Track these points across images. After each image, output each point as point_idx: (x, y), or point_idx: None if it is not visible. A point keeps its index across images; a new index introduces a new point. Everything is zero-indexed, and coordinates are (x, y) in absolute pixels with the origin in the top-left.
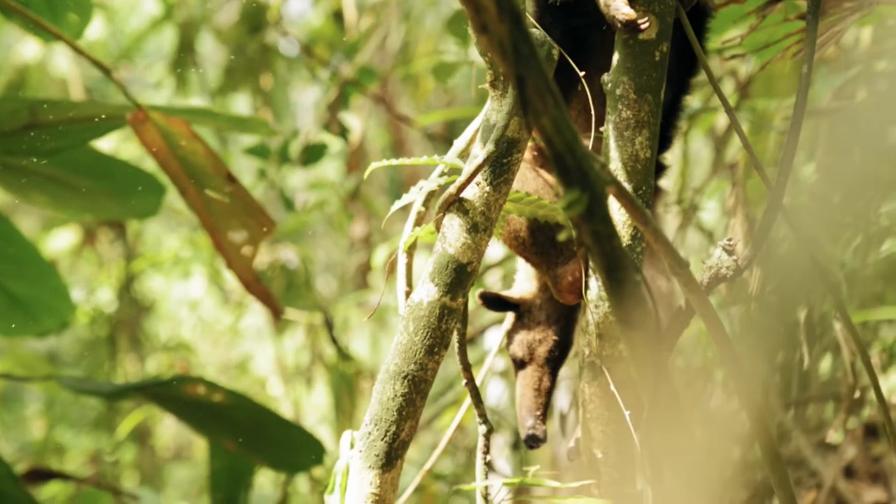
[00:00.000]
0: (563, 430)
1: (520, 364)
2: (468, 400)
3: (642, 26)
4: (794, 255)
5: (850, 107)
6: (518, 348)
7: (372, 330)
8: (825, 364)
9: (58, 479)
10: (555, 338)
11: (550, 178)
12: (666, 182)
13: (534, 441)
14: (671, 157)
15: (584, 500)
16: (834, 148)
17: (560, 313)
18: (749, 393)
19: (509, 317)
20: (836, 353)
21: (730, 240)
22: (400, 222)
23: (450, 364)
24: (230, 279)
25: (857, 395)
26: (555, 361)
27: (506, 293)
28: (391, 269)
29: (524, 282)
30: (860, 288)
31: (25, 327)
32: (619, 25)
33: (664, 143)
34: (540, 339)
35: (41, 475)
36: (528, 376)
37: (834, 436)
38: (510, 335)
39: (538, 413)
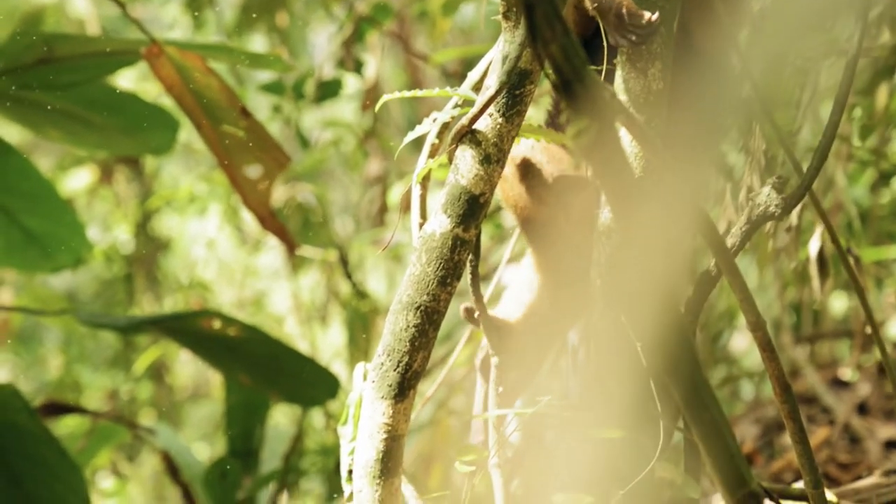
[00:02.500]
0: (575, 364)
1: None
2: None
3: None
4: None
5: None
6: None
7: (387, 267)
8: (839, 302)
9: (74, 413)
10: (524, 370)
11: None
12: None
13: None
14: None
15: (596, 428)
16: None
17: (537, 348)
18: (766, 341)
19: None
20: (850, 290)
21: (779, 177)
22: (416, 162)
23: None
24: (246, 219)
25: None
26: (517, 390)
27: (490, 313)
28: (406, 205)
29: (510, 304)
30: (874, 226)
31: (40, 263)
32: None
33: None
34: (511, 364)
35: (57, 409)
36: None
37: (847, 373)
38: (483, 351)
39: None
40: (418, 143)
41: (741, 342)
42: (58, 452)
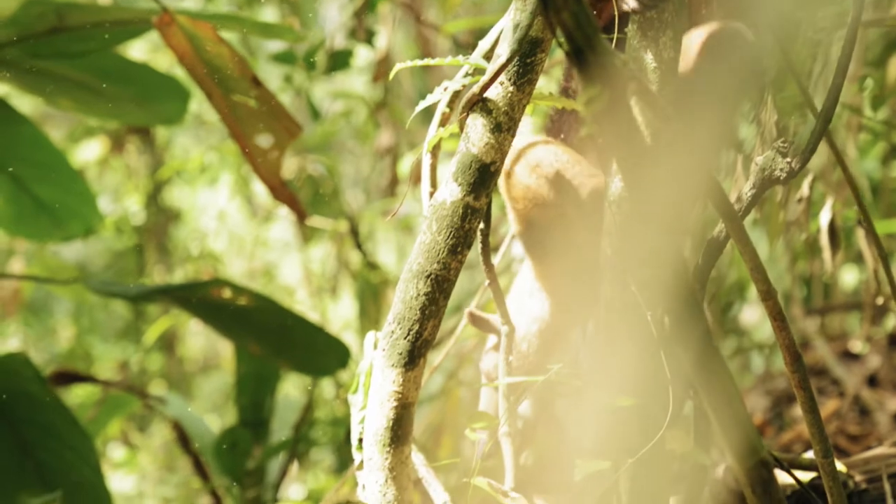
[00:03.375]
0: (583, 334)
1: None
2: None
3: None
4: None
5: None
6: (494, 371)
7: (398, 239)
8: (850, 275)
9: (85, 382)
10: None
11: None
12: None
13: None
14: None
15: (607, 395)
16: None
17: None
18: (776, 309)
19: (491, 338)
20: (860, 262)
21: (784, 141)
22: (426, 133)
23: (476, 276)
24: (257, 191)
25: (880, 302)
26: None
27: (492, 317)
28: (416, 175)
29: (513, 311)
30: (885, 198)
31: (51, 232)
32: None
33: None
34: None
35: (68, 378)
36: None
37: (857, 345)
38: (488, 354)
39: None
40: (429, 115)
41: (752, 315)
42: (68, 421)
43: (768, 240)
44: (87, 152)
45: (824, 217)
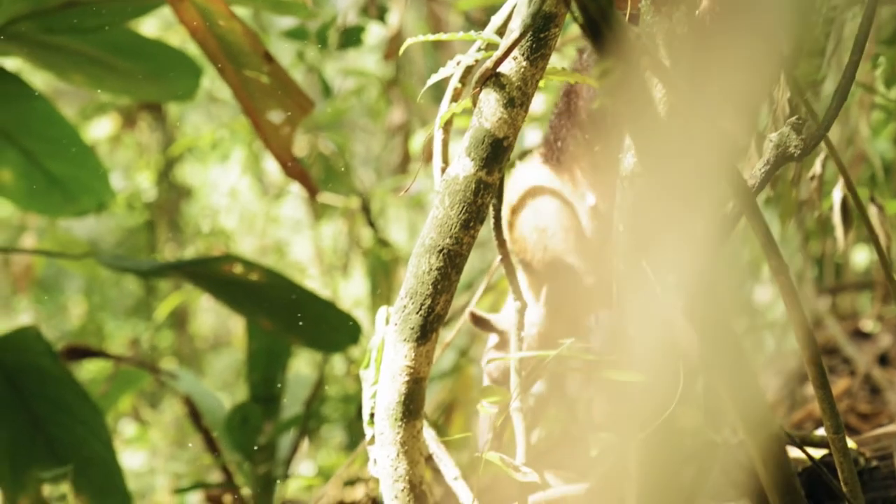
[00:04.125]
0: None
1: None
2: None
3: None
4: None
5: None
6: (495, 371)
7: (409, 217)
8: (861, 255)
9: (97, 357)
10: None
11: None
12: None
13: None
14: None
15: (618, 372)
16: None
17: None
18: (788, 284)
19: (492, 337)
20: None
21: (798, 118)
22: (438, 111)
23: (487, 254)
24: (268, 169)
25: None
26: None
27: (493, 317)
28: (428, 151)
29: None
30: None
31: (63, 207)
32: None
33: None
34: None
35: (80, 353)
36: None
37: (869, 325)
38: (489, 353)
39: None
40: (440, 93)
41: (764, 294)
42: (80, 396)
43: (780, 219)
44: (99, 129)
45: (837, 195)
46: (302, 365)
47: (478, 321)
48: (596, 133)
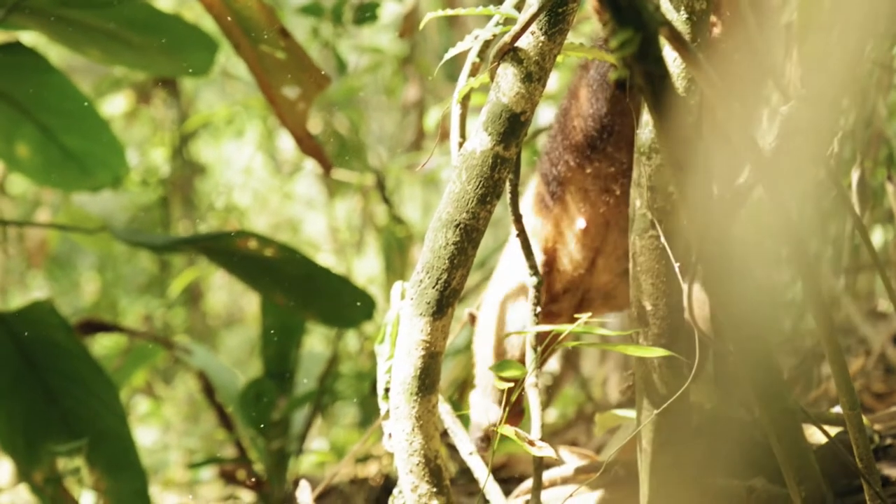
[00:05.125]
0: None
1: None
2: None
3: None
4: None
5: None
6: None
7: (423, 196)
8: (878, 234)
9: (111, 331)
10: None
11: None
12: None
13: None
14: None
15: (632, 347)
16: None
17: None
18: (804, 261)
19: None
20: (889, 221)
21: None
22: (452, 89)
23: (500, 233)
24: (281, 147)
25: None
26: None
27: None
28: (443, 130)
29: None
30: None
31: (79, 181)
32: None
33: None
34: None
35: (94, 327)
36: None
37: (884, 304)
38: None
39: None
40: (455, 71)
41: (779, 274)
42: (94, 370)
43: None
44: (114, 105)
45: (854, 175)
46: (316, 342)
47: (475, 322)
48: (587, 156)
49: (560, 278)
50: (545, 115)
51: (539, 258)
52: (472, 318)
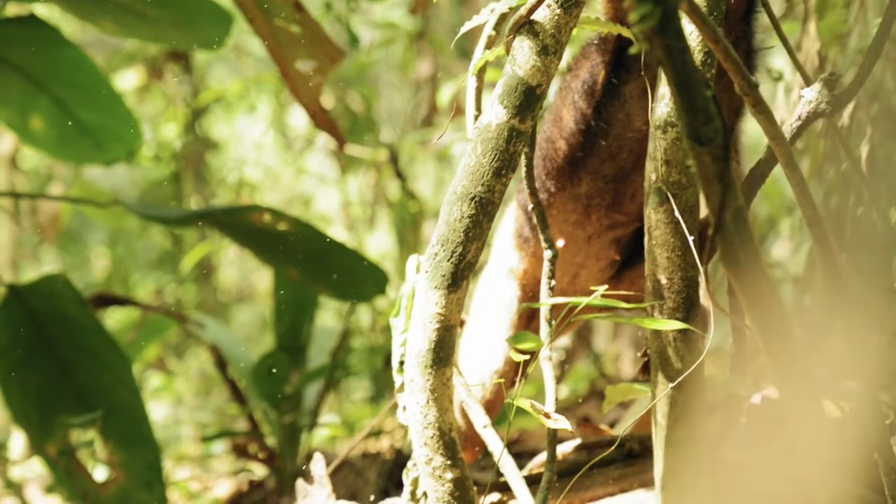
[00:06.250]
0: None
1: None
2: None
3: None
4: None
5: None
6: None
7: (435, 172)
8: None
9: (125, 304)
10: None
11: None
12: None
13: None
14: None
15: (647, 320)
16: None
17: None
18: (821, 234)
19: None
20: None
21: (832, 74)
22: (464, 66)
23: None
24: (292, 125)
25: None
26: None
27: None
28: (457, 105)
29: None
30: None
31: (93, 155)
32: None
33: None
34: None
35: (108, 300)
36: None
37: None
38: None
39: None
40: (467, 47)
41: (783, 249)
42: (107, 343)
43: (808, 171)
44: (126, 80)
45: (864, 149)
46: (328, 317)
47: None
48: (570, 177)
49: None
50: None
51: (516, 294)
52: (462, 323)
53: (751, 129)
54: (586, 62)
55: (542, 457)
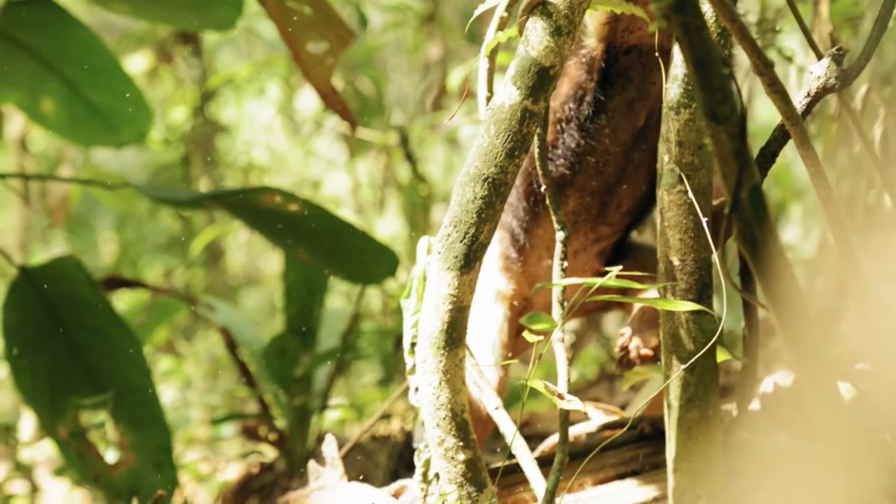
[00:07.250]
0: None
1: None
2: None
3: None
4: None
5: None
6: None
7: (445, 156)
8: None
9: (135, 287)
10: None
11: None
12: None
13: None
14: None
15: (660, 301)
16: None
17: None
18: (836, 214)
19: None
20: None
21: (839, 49)
22: (474, 50)
23: None
24: (300, 109)
25: None
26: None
27: None
28: (466, 89)
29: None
30: None
31: (104, 137)
32: None
33: None
34: None
35: (118, 282)
36: None
37: None
38: None
39: None
40: (477, 31)
41: (794, 233)
42: (118, 325)
43: (822, 153)
44: (135, 63)
45: (877, 131)
46: (338, 300)
47: None
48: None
49: (533, 310)
50: None
51: (505, 316)
52: None
53: (758, 115)
54: (568, 80)
55: (553, 439)
